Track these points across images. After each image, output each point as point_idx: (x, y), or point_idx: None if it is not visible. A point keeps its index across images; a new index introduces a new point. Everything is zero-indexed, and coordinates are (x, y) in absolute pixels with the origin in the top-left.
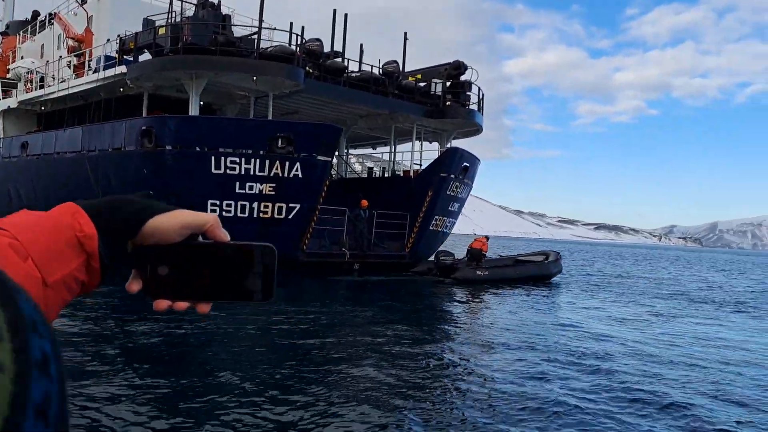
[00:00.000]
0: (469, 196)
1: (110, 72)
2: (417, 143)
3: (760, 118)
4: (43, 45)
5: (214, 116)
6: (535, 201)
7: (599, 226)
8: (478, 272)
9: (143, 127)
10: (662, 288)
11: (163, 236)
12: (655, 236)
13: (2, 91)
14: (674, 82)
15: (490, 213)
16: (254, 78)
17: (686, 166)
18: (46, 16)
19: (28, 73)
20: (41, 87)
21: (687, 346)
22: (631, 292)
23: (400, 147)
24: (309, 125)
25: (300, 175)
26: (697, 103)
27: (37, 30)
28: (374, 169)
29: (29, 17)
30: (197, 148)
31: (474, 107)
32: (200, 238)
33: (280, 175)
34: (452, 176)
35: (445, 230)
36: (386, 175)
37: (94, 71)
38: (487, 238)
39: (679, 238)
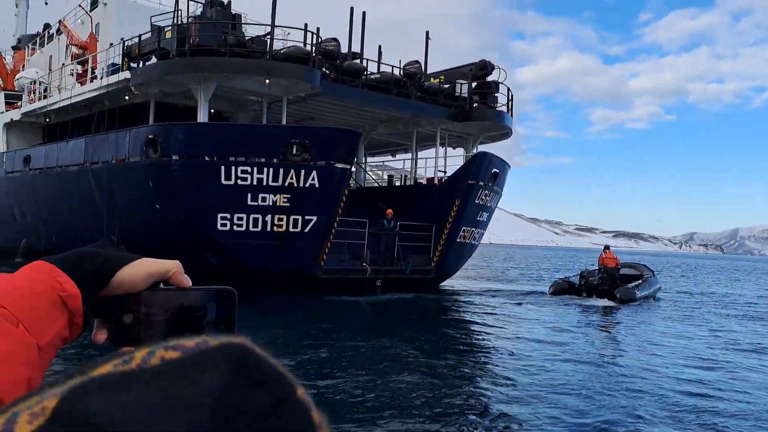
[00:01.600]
0: (498, 204)
1: (113, 78)
2: (441, 149)
3: None
4: (51, 56)
5: (223, 123)
6: (551, 209)
7: (618, 234)
8: (637, 292)
9: (148, 136)
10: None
11: (130, 287)
12: (675, 244)
13: (7, 103)
14: (690, 87)
15: (506, 221)
16: (267, 81)
17: (705, 172)
18: (55, 27)
19: (31, 83)
20: (45, 98)
21: None
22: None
23: (421, 154)
24: (326, 130)
25: (317, 185)
26: (713, 108)
27: (45, 41)
28: (394, 177)
29: (41, 30)
30: (206, 158)
31: (502, 109)
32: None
33: (296, 184)
34: (481, 183)
35: (473, 242)
36: (408, 184)
37: (99, 79)
38: (607, 247)
39: (700, 245)
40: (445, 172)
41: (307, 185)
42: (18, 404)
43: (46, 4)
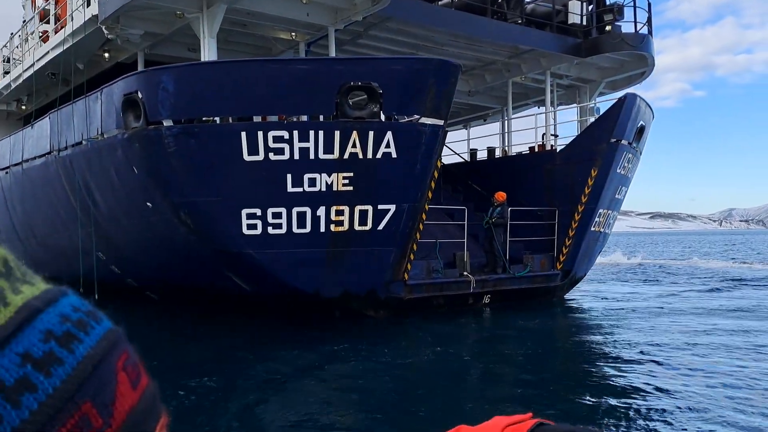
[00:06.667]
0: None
1: (79, 20)
2: (542, 106)
3: None
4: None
5: (240, 60)
6: None
7: (655, 215)
8: None
9: (124, 95)
10: None
11: None
12: (714, 221)
13: None
14: (717, 60)
15: None
16: None
17: (738, 145)
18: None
19: None
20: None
21: None
22: None
23: (510, 120)
24: (404, 62)
25: (394, 154)
26: (743, 80)
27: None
28: (477, 150)
29: None
30: (216, 119)
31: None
32: None
33: (361, 155)
34: (625, 143)
35: (606, 231)
36: (501, 156)
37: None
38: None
39: (741, 221)
40: (556, 136)
41: (378, 156)
42: None
43: None
